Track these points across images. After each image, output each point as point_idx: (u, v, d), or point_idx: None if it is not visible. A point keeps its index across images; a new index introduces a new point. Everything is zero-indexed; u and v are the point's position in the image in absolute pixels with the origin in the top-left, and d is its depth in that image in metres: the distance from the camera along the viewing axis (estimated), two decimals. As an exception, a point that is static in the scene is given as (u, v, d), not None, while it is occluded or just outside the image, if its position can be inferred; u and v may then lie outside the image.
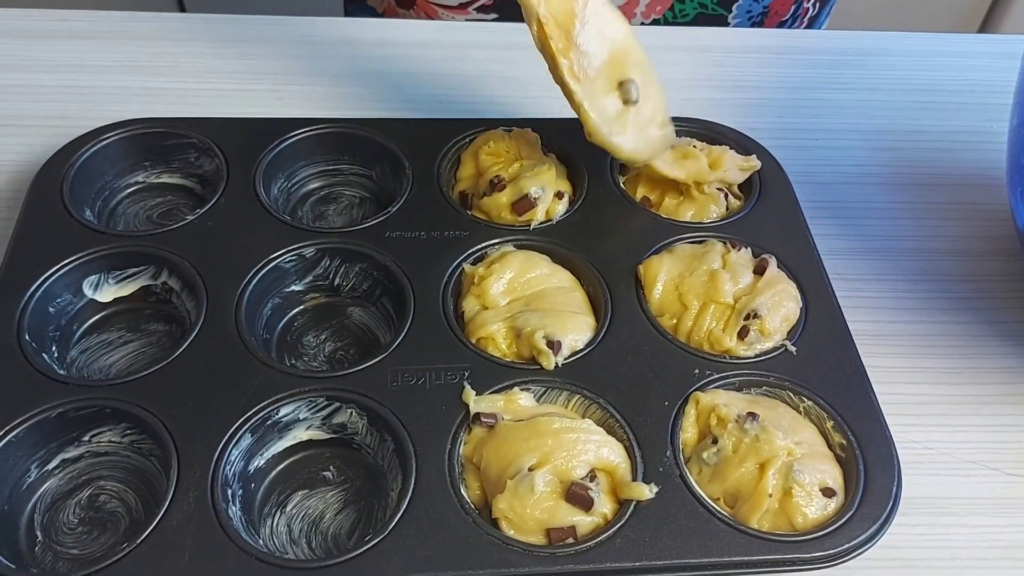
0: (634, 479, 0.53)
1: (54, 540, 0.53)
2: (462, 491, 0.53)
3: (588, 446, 0.53)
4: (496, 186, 0.66)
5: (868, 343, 0.62)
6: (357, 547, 0.50)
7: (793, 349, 0.60)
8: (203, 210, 0.65)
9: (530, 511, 0.51)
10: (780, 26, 0.98)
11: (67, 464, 0.55)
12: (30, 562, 0.52)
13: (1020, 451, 0.62)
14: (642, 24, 0.94)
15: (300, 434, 0.57)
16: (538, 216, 0.66)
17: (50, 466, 0.55)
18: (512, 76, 0.83)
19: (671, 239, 0.66)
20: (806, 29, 1.01)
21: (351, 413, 0.56)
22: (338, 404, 0.56)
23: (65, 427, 0.54)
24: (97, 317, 0.63)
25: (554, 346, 0.58)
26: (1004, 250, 0.74)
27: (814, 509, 0.53)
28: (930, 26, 1.12)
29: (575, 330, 0.59)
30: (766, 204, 0.69)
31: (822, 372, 0.59)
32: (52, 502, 0.54)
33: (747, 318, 0.60)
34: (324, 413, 0.56)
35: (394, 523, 0.50)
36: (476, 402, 0.55)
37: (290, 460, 0.57)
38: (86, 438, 0.55)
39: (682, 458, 0.55)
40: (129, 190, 0.70)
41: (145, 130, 0.69)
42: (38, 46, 0.82)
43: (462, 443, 0.55)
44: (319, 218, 0.71)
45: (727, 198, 0.70)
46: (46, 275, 0.60)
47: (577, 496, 0.52)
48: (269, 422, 0.55)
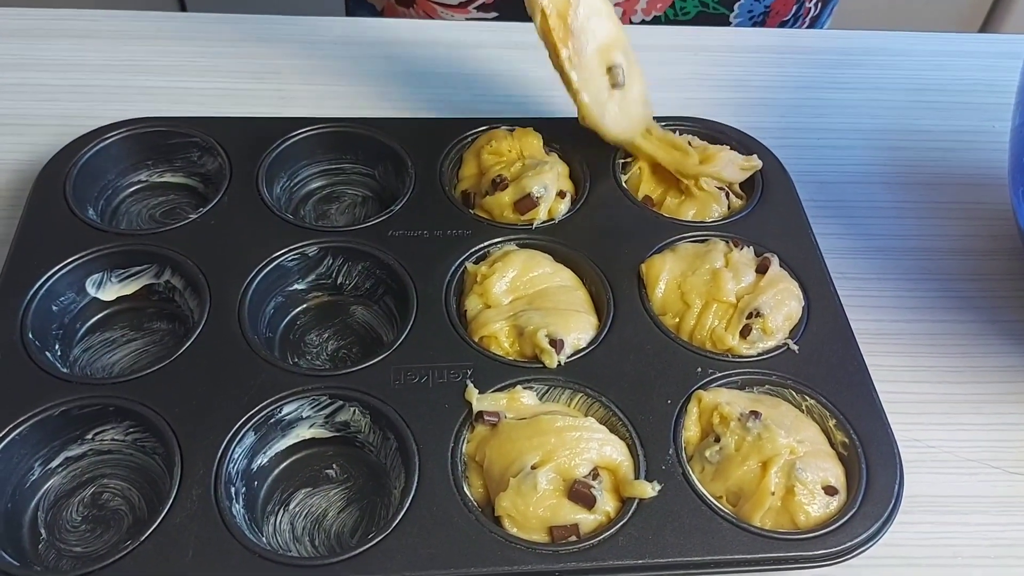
0: (637, 477, 0.53)
1: (58, 538, 0.53)
2: (465, 489, 0.53)
3: (591, 444, 0.53)
4: (498, 185, 0.66)
5: (870, 342, 0.62)
6: (360, 545, 0.50)
7: (795, 348, 0.60)
8: (206, 209, 0.65)
9: (533, 509, 0.51)
10: (782, 26, 0.98)
11: (70, 462, 0.55)
12: (34, 560, 0.52)
13: (1022, 450, 0.62)
14: (643, 21, 0.94)
15: (303, 432, 0.57)
16: (540, 215, 0.66)
17: (53, 464, 0.55)
18: (514, 75, 0.83)
19: (673, 238, 0.66)
20: (808, 29, 1.01)
21: (354, 411, 0.56)
22: (341, 402, 0.56)
23: (68, 425, 0.54)
24: (100, 316, 0.63)
25: (557, 345, 0.58)
26: (1006, 249, 0.74)
27: (816, 507, 0.53)
28: (931, 26, 1.12)
29: (577, 329, 0.59)
30: (768, 203, 0.69)
31: (824, 371, 0.59)
32: (55, 500, 0.54)
33: (749, 317, 0.60)
34: (327, 411, 0.56)
35: (397, 521, 0.50)
36: (479, 400, 0.55)
37: (293, 458, 0.57)
38: (89, 436, 0.55)
39: (684, 456, 0.55)
40: (132, 189, 0.70)
41: (148, 129, 0.69)
42: (40, 45, 0.82)
43: (465, 441, 0.55)
44: (322, 217, 0.71)
45: (729, 197, 0.70)
46: (49, 274, 0.60)
47: (580, 494, 0.52)
48: (272, 420, 0.55)
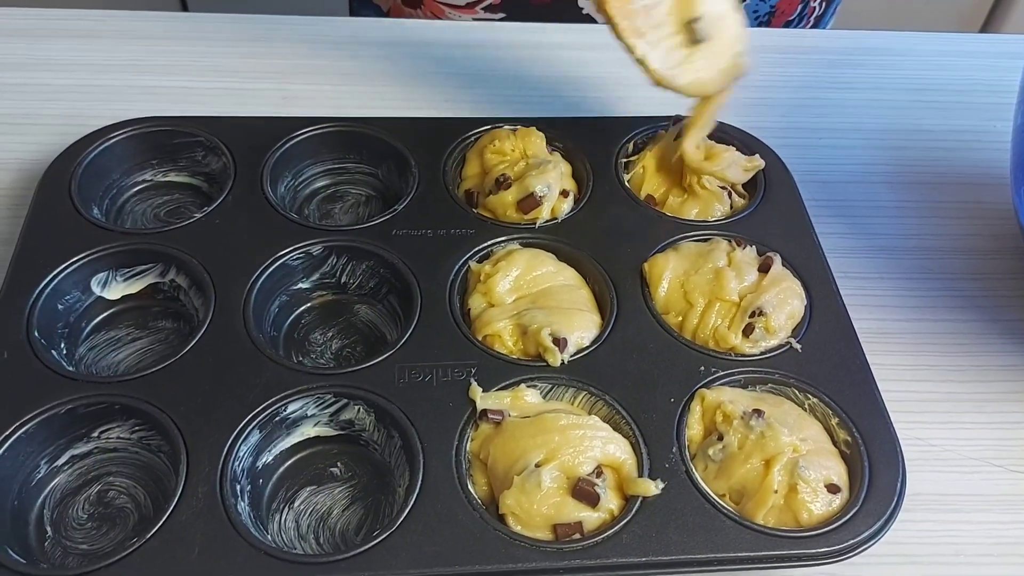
0: (640, 475, 0.53)
1: (64, 535, 0.53)
2: (469, 487, 0.53)
3: (594, 442, 0.53)
4: (502, 184, 0.66)
5: (872, 341, 0.62)
6: (365, 543, 0.50)
7: (798, 346, 0.60)
8: (211, 208, 0.65)
9: (537, 507, 0.51)
10: (786, 26, 0.98)
11: (76, 460, 0.56)
12: (40, 557, 0.52)
13: (1024, 448, 0.62)
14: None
15: (308, 430, 0.57)
16: (543, 214, 0.66)
17: (59, 462, 0.55)
18: (518, 75, 0.83)
19: (676, 237, 0.66)
20: (812, 29, 1.02)
21: (358, 410, 0.56)
22: (346, 401, 0.56)
23: (74, 423, 0.55)
24: (105, 314, 0.63)
25: (560, 343, 0.58)
26: (1008, 248, 0.74)
27: (819, 505, 0.53)
28: (932, 26, 1.12)
29: (581, 327, 0.60)
30: (771, 203, 0.70)
31: (827, 369, 0.59)
32: (61, 498, 0.55)
33: (752, 316, 0.60)
34: (332, 410, 0.57)
35: (402, 519, 0.51)
36: (483, 399, 0.56)
37: (298, 456, 0.57)
38: (95, 434, 0.55)
39: (688, 454, 0.55)
40: (136, 188, 0.70)
41: (152, 128, 0.69)
42: (44, 45, 0.83)
43: (469, 439, 0.55)
44: (326, 216, 0.71)
45: (731, 197, 0.70)
46: (55, 272, 0.60)
47: (584, 492, 0.52)
48: (277, 418, 0.55)
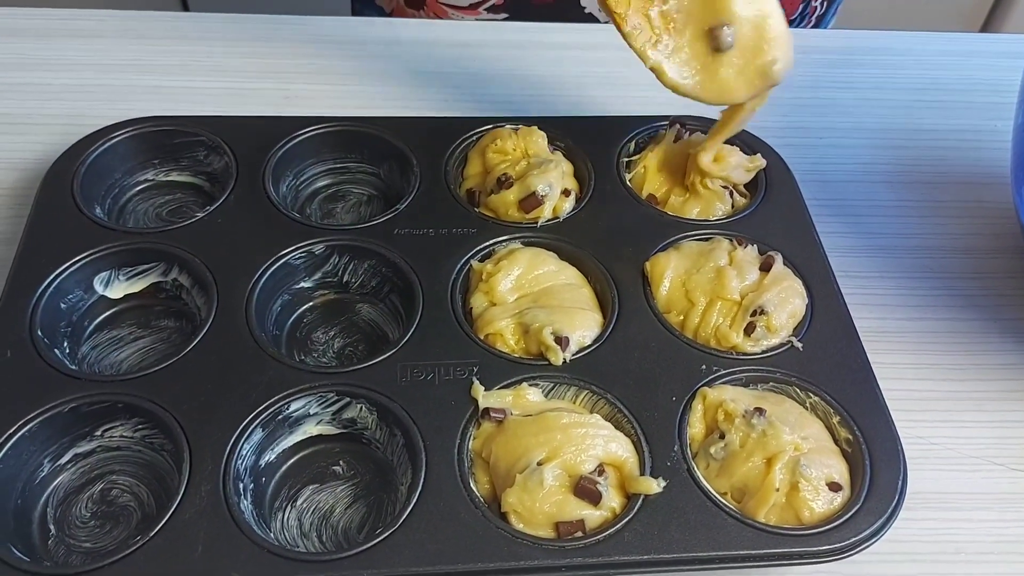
0: (642, 473, 0.54)
1: (67, 534, 0.53)
2: (471, 485, 0.53)
3: (596, 441, 0.53)
4: (503, 184, 0.66)
5: (873, 339, 0.62)
6: (367, 541, 0.50)
7: (799, 345, 0.60)
8: (213, 207, 0.65)
9: (539, 505, 0.52)
10: (788, 25, 0.98)
11: (79, 459, 0.56)
12: (43, 555, 0.52)
13: (1024, 447, 0.62)
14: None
15: (310, 429, 0.57)
16: (545, 213, 0.66)
17: (62, 460, 0.55)
18: (519, 75, 0.83)
19: (678, 236, 0.66)
20: (813, 28, 1.02)
21: (361, 408, 0.56)
22: (348, 399, 0.56)
23: (77, 422, 0.55)
24: (108, 313, 0.63)
25: (562, 342, 0.58)
26: (1008, 247, 0.74)
27: (820, 503, 0.53)
28: (932, 26, 1.12)
29: (583, 326, 0.60)
30: (772, 202, 0.70)
31: (828, 368, 0.60)
32: (65, 496, 0.55)
33: (754, 314, 0.60)
34: (334, 408, 0.57)
35: (404, 517, 0.51)
36: (485, 397, 0.56)
37: (300, 455, 0.57)
38: (98, 433, 0.55)
39: (689, 453, 0.55)
40: (138, 188, 0.70)
41: (154, 128, 0.69)
42: (46, 45, 0.83)
43: (471, 438, 0.55)
44: (327, 216, 0.71)
45: (733, 196, 0.70)
46: (57, 272, 0.60)
47: (586, 490, 0.52)
48: (280, 417, 0.55)
